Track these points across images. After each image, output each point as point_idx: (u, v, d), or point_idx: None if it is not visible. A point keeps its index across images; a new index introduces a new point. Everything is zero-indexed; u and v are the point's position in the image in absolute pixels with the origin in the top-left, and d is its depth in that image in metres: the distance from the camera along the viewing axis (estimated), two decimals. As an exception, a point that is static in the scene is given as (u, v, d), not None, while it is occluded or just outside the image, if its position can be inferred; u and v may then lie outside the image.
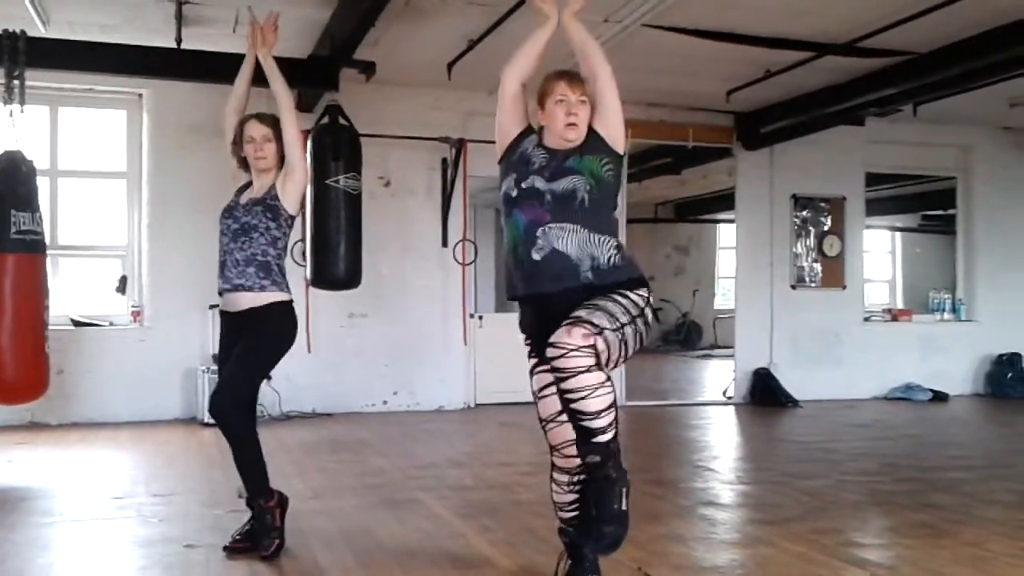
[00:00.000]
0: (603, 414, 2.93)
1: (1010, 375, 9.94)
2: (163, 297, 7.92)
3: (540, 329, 3.15)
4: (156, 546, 3.98)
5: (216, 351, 7.65)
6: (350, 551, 3.89)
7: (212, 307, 7.80)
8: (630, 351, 3.10)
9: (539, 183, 3.19)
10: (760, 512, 4.74)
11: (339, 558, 3.79)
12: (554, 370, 2.93)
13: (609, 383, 2.96)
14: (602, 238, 3.14)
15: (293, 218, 4.01)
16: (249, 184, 4.08)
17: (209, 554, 3.82)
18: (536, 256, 3.13)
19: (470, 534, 4.20)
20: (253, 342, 3.87)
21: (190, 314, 7.83)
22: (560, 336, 2.91)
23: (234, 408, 3.85)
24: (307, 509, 4.53)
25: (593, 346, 2.91)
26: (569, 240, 3.11)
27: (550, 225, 3.12)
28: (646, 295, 3.19)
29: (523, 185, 3.22)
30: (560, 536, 3.37)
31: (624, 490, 2.97)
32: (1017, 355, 10.01)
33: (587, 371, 2.90)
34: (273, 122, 4.02)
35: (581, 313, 2.99)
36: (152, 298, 7.95)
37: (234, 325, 3.95)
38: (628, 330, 3.05)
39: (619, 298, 3.09)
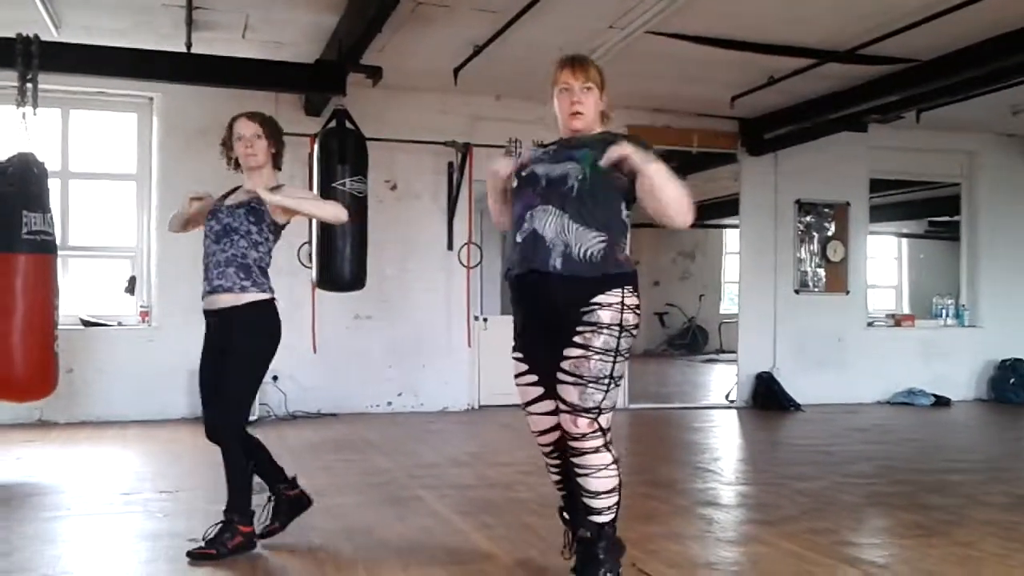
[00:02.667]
0: (602, 496, 3.08)
1: (1012, 380, 9.97)
2: (171, 298, 8.01)
3: (527, 324, 3.25)
4: (161, 540, 4.06)
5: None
6: (351, 547, 3.97)
7: (219, 308, 7.92)
8: (624, 371, 3.17)
9: (539, 168, 3.20)
10: (757, 512, 4.80)
11: (340, 553, 3.86)
12: (569, 448, 3.10)
13: (614, 466, 3.09)
14: (585, 229, 3.07)
15: (279, 225, 3.97)
16: (235, 189, 4.11)
17: (213, 548, 3.90)
18: (519, 238, 3.17)
19: (470, 531, 4.27)
20: (238, 360, 3.81)
21: (197, 315, 7.78)
22: (568, 425, 3.07)
23: (233, 434, 3.84)
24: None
25: (599, 428, 3.05)
26: (549, 222, 3.09)
27: (537, 208, 3.13)
28: (619, 300, 3.09)
29: (523, 173, 3.24)
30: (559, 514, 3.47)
31: (609, 573, 3.11)
32: (1020, 360, 10.03)
33: (595, 452, 3.06)
34: (262, 120, 4.03)
35: (574, 399, 3.05)
36: (160, 299, 8.05)
37: (216, 325, 3.91)
38: (617, 367, 3.11)
39: (595, 335, 3.06)
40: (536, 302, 3.17)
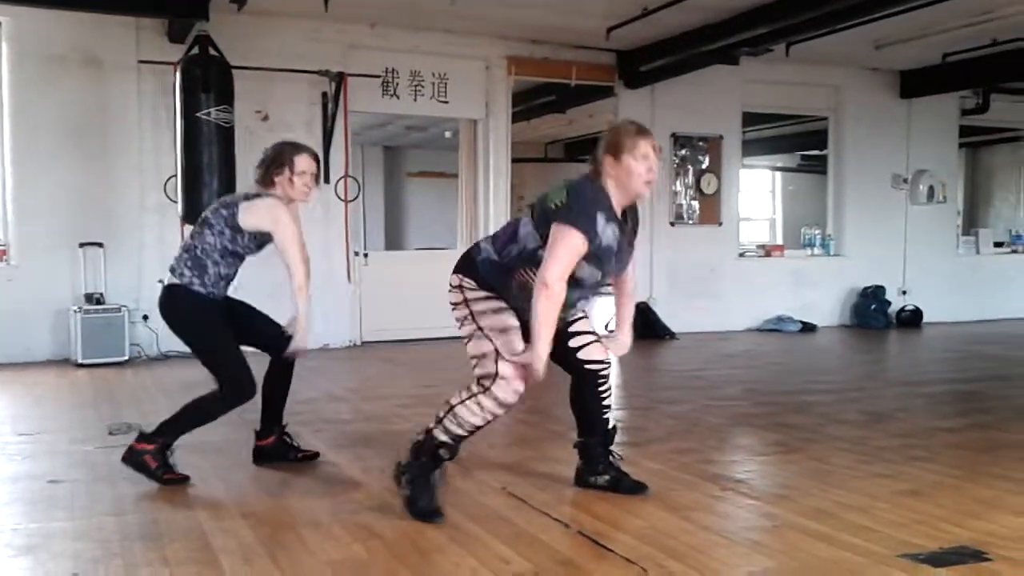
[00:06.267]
0: None
1: (873, 307, 10.50)
2: (30, 234, 7.62)
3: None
4: (20, 482, 3.93)
5: (85, 291, 7.45)
6: (222, 483, 3.92)
7: (83, 245, 7.59)
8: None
9: (612, 271, 3.53)
10: (626, 435, 4.90)
11: (210, 490, 3.81)
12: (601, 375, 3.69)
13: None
14: None
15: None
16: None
17: (74, 488, 3.79)
18: (562, 314, 3.41)
19: (343, 463, 4.27)
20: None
21: (59, 252, 7.58)
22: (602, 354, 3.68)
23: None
24: (179, 444, 4.49)
25: None
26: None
27: (587, 300, 3.62)
28: None
29: (601, 278, 3.47)
30: (439, 449, 3.43)
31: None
32: (880, 288, 10.57)
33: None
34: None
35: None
36: (19, 236, 7.64)
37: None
38: None
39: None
40: None
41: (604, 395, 3.66)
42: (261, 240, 4.06)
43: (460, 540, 3.15)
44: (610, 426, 3.73)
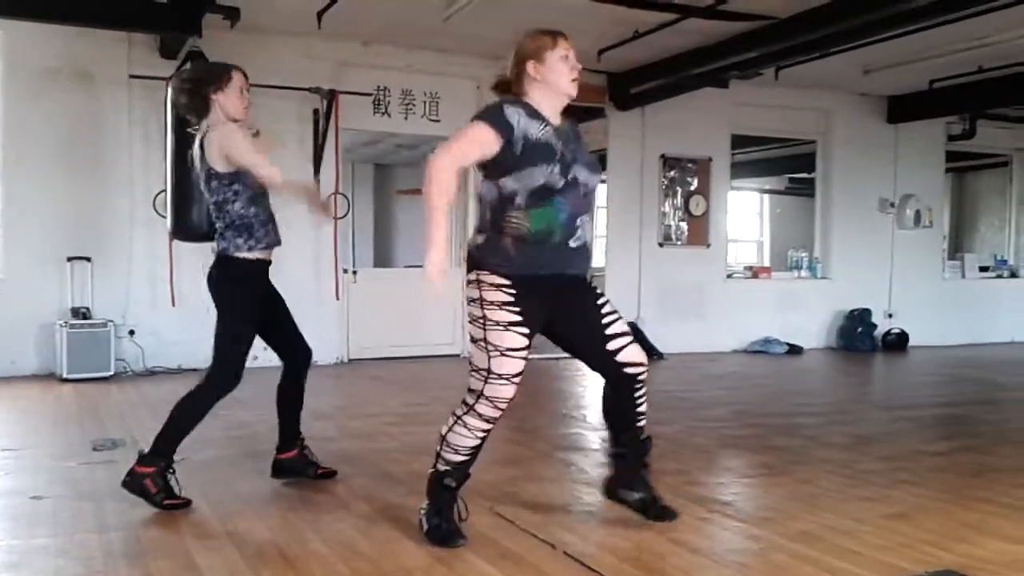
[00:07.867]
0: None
1: (860, 330, 10.53)
2: (19, 249, 7.58)
3: (543, 300, 3.29)
4: (1, 498, 3.89)
5: (72, 305, 7.41)
6: (206, 501, 3.88)
7: (71, 259, 7.56)
8: None
9: (581, 174, 3.29)
10: (613, 456, 4.93)
11: (195, 508, 3.77)
12: (638, 379, 3.45)
13: None
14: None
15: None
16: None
17: (56, 505, 3.76)
18: (573, 244, 3.29)
19: (328, 481, 4.24)
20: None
21: (47, 266, 7.54)
22: (639, 355, 3.45)
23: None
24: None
25: None
26: (590, 232, 3.39)
27: (584, 218, 3.32)
28: None
29: (569, 176, 3.25)
30: (444, 479, 3.34)
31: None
32: (867, 311, 10.60)
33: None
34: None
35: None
36: (7, 250, 7.60)
37: (264, 276, 4.14)
38: None
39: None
40: (561, 292, 3.34)
41: (640, 401, 3.51)
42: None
43: (445, 560, 3.13)
44: (644, 436, 3.58)
